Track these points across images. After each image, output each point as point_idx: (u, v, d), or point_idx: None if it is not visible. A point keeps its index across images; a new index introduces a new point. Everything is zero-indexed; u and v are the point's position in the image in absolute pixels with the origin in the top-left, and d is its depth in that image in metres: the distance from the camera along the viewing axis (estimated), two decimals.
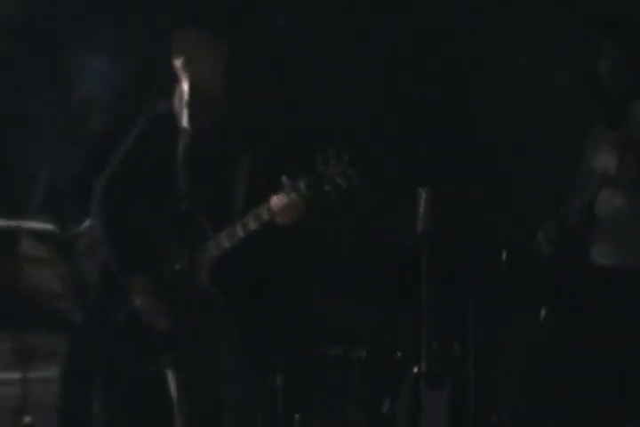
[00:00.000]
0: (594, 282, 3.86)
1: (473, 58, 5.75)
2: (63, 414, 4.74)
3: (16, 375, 4.81)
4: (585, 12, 5.11)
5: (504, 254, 5.17)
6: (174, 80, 3.86)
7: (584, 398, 3.88)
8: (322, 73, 5.81)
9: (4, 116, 5.56)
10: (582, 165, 4.03)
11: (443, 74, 5.76)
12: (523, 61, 5.63)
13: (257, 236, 3.70)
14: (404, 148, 5.68)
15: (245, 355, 3.79)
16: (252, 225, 3.67)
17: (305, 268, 5.37)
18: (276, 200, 3.61)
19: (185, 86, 3.72)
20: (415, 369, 5.02)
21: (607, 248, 3.87)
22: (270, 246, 3.81)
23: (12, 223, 4.68)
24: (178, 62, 3.82)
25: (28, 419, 4.73)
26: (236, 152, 3.82)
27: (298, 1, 5.82)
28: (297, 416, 5.30)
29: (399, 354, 5.24)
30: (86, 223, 4.59)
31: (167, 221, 3.79)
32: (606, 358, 3.82)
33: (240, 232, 3.70)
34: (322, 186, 3.53)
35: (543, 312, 3.97)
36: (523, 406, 5.14)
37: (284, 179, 3.59)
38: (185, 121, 3.66)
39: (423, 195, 4.78)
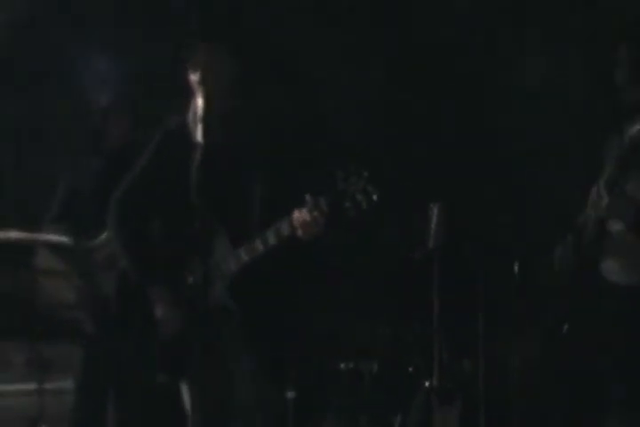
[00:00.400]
0: (604, 298, 3.85)
1: (486, 71, 5.77)
2: (78, 426, 4.76)
3: (32, 386, 4.84)
4: (601, 22, 5.12)
5: (516, 267, 5.19)
6: (189, 95, 3.89)
7: (595, 414, 3.86)
8: (337, 90, 5.84)
9: (22, 130, 5.62)
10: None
11: (456, 88, 5.78)
12: (537, 73, 5.64)
13: (276, 251, 3.71)
14: (417, 162, 5.70)
15: (260, 368, 3.79)
16: (272, 240, 3.68)
17: (319, 282, 5.39)
18: (298, 215, 3.62)
19: (200, 101, 3.73)
20: (427, 384, 5.03)
21: (618, 265, 3.86)
22: (288, 262, 3.82)
23: (29, 235, 4.71)
24: (194, 77, 3.85)
25: None
26: (251, 167, 3.85)
27: (307, 17, 5.86)
28: None
29: (411, 369, 5.24)
30: (103, 236, 4.61)
31: (183, 235, 3.81)
32: (615, 374, 3.81)
33: (260, 247, 3.71)
34: (343, 203, 3.54)
35: (566, 327, 3.95)
36: (534, 422, 5.13)
37: (307, 195, 3.61)
38: (199, 136, 3.67)
39: (435, 210, 4.79)
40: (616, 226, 3.84)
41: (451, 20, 5.75)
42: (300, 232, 3.64)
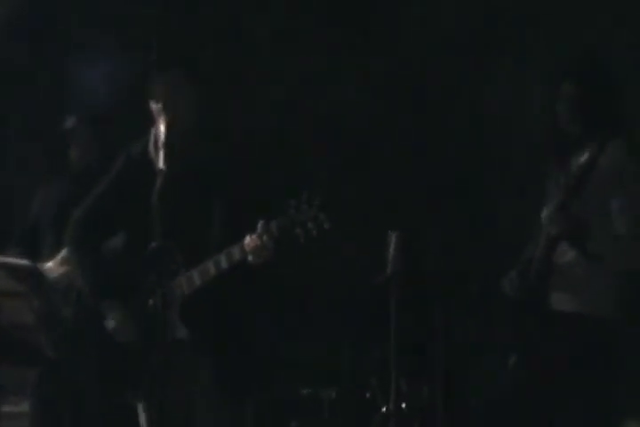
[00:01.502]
0: (553, 327, 3.89)
1: (451, 97, 5.83)
2: None
3: None
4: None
5: (475, 287, 5.24)
6: (150, 121, 3.92)
7: None
8: (297, 113, 5.88)
9: None
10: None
11: (418, 113, 5.84)
12: (503, 100, 5.71)
13: (228, 275, 3.74)
14: (376, 190, 5.75)
15: (217, 391, 3.80)
16: (224, 263, 3.74)
17: (277, 308, 5.40)
18: (249, 240, 3.69)
19: (162, 128, 3.77)
20: (384, 410, 5.05)
21: (566, 295, 3.90)
22: (240, 286, 3.86)
23: None
24: (154, 105, 3.88)
25: None
26: (210, 192, 3.88)
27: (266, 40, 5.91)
28: None
29: (368, 394, 5.26)
30: (58, 257, 4.61)
31: (140, 256, 3.82)
32: (565, 400, 3.85)
33: (212, 270, 3.76)
34: (293, 229, 3.61)
35: (513, 359, 4.00)
36: None
37: (259, 222, 3.66)
38: (160, 162, 3.70)
39: (393, 238, 4.85)
40: (565, 257, 3.90)
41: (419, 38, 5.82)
42: (250, 257, 3.71)
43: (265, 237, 3.66)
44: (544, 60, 5.46)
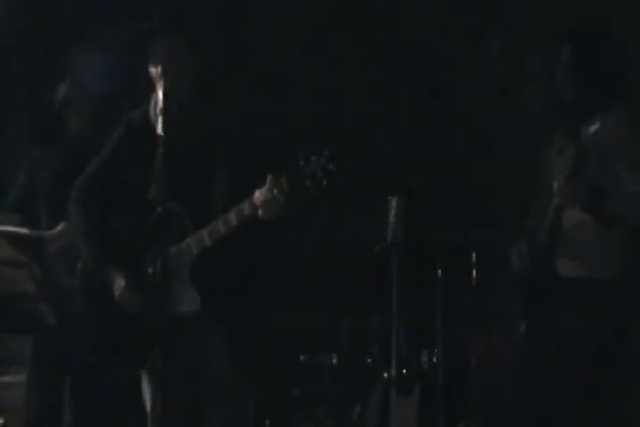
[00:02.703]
0: (560, 293, 3.90)
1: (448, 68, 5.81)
2: (33, 419, 4.74)
3: None
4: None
5: (473, 257, 5.24)
6: (150, 87, 3.90)
7: (553, 407, 3.91)
8: (299, 72, 5.86)
9: None
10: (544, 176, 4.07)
11: (416, 80, 5.82)
12: (497, 73, 5.69)
13: (238, 233, 3.73)
14: (378, 153, 5.74)
15: (225, 356, 3.80)
16: (234, 220, 3.72)
17: (278, 275, 5.40)
18: (259, 195, 3.67)
19: (160, 94, 3.76)
20: (385, 375, 5.06)
21: (571, 260, 3.91)
22: (249, 253, 3.85)
23: None
24: (154, 70, 3.86)
25: (0, 421, 4.74)
26: (212, 153, 3.87)
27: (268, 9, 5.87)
28: (267, 422, 5.33)
29: (369, 360, 5.27)
30: (59, 227, 4.60)
31: (143, 224, 3.81)
32: (573, 367, 3.86)
33: (222, 228, 3.74)
34: (303, 181, 3.58)
35: (523, 326, 4.01)
36: (492, 414, 5.18)
37: (268, 175, 3.65)
38: (160, 128, 3.69)
39: (393, 203, 4.82)
40: (570, 222, 3.90)
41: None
42: (260, 212, 3.68)
43: (275, 191, 3.63)
44: (544, 30, 5.44)
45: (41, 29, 5.76)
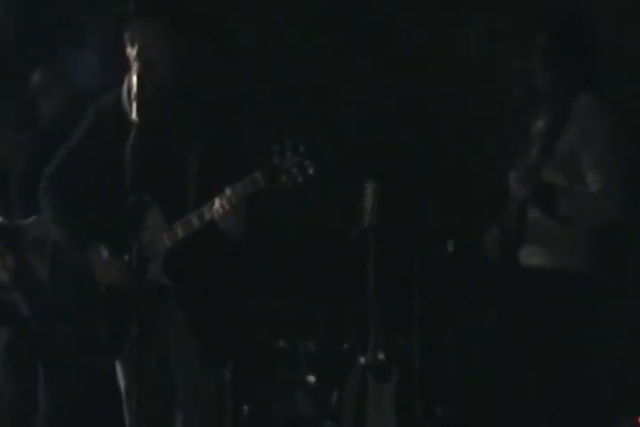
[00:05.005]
0: (522, 282, 3.90)
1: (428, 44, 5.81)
2: (8, 407, 4.73)
3: None
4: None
5: (451, 244, 5.25)
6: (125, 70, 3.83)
7: (516, 393, 3.92)
8: (279, 63, 5.84)
9: None
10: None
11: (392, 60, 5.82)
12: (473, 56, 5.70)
13: (212, 226, 3.69)
14: (353, 140, 5.73)
15: (198, 346, 3.78)
16: (208, 215, 3.66)
17: (255, 261, 5.39)
18: (217, 206, 3.62)
19: (134, 77, 3.69)
20: (362, 360, 5.07)
21: (536, 249, 3.89)
22: (224, 240, 3.79)
23: None
24: (130, 50, 3.79)
25: None
26: (186, 143, 3.81)
27: None
28: (245, 408, 5.33)
29: (346, 346, 5.28)
30: (34, 217, 4.57)
31: (116, 211, 3.78)
32: (535, 355, 3.87)
33: (195, 222, 3.69)
34: (279, 177, 3.54)
35: (490, 314, 4.01)
36: (468, 399, 5.21)
37: (226, 188, 3.59)
38: (133, 113, 3.63)
39: (369, 189, 4.83)
40: (535, 212, 3.89)
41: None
42: (220, 222, 3.63)
43: (232, 203, 3.57)
44: (519, 15, 5.44)
45: (20, 15, 5.71)
